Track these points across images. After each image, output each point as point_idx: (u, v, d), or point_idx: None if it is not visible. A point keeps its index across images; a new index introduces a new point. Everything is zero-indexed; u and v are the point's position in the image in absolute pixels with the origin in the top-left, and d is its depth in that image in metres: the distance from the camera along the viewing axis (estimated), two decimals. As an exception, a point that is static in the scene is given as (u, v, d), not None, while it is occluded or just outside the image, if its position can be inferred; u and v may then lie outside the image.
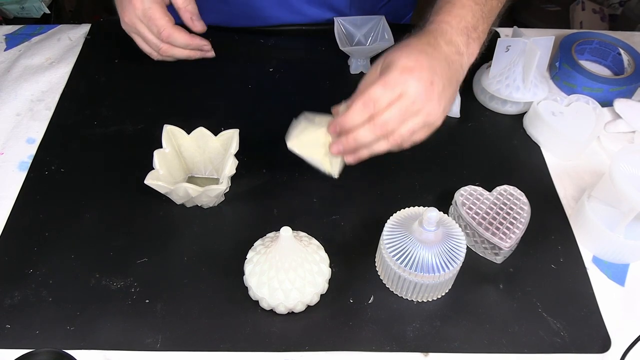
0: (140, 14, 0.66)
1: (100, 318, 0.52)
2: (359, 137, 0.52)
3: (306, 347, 0.51)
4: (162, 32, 0.66)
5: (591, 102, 0.70)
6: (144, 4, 0.65)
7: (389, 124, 0.51)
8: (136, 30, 0.68)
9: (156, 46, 0.69)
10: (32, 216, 0.60)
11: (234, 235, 0.59)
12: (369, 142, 0.53)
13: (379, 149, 0.54)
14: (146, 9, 0.65)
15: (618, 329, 0.53)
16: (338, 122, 0.53)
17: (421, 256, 0.51)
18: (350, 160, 0.56)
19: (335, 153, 0.55)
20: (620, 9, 1.73)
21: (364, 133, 0.52)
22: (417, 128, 0.53)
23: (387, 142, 0.53)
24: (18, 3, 1.19)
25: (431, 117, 0.53)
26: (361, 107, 0.51)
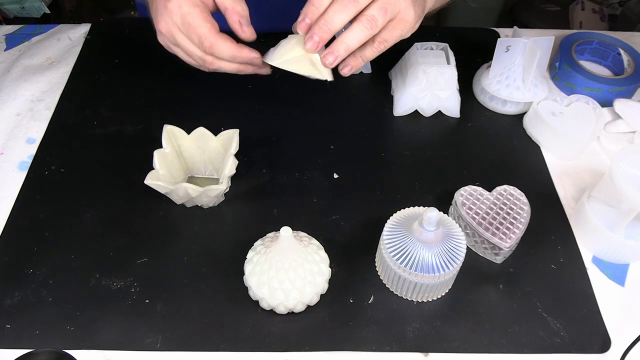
0: (179, 20, 0.54)
1: (100, 318, 0.52)
2: (329, 19, 0.49)
3: (306, 347, 0.51)
4: (203, 42, 0.54)
5: (591, 102, 0.70)
6: (182, 8, 0.54)
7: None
8: (175, 42, 0.56)
9: (200, 59, 0.57)
10: (32, 216, 0.60)
11: (234, 235, 0.59)
12: (341, 22, 0.50)
13: (354, 37, 0.51)
14: (184, 14, 0.54)
15: (618, 329, 0.53)
16: (305, 11, 0.50)
17: (421, 256, 0.51)
18: (330, 60, 0.52)
19: (312, 48, 0.51)
20: (620, 9, 1.73)
21: (334, 11, 0.49)
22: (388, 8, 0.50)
23: (361, 24, 0.50)
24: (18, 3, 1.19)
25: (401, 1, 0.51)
26: None
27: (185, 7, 0.54)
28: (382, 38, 0.53)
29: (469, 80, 0.77)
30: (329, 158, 0.67)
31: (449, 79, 0.69)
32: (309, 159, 0.67)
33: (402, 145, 0.69)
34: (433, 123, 0.72)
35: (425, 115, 0.72)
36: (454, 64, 0.70)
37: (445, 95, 0.70)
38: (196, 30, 0.54)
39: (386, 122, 0.72)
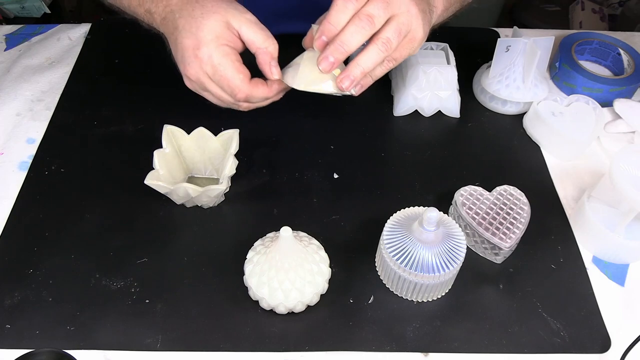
0: (210, 70, 0.53)
1: (100, 318, 0.52)
2: (345, 39, 0.49)
3: (306, 347, 0.51)
4: (237, 94, 0.54)
5: (591, 103, 0.70)
6: (213, 59, 0.52)
7: (374, 16, 0.49)
8: (205, 88, 0.56)
9: (233, 104, 0.58)
10: (32, 216, 0.60)
11: (234, 235, 0.59)
12: (357, 43, 0.50)
13: (370, 60, 0.51)
14: (216, 65, 0.52)
15: (618, 329, 0.53)
16: (322, 29, 0.49)
17: (421, 256, 0.51)
18: (346, 84, 0.52)
19: (326, 69, 0.51)
20: (620, 9, 1.73)
21: (350, 31, 0.49)
22: (402, 29, 0.51)
23: (376, 46, 0.50)
24: (18, 3, 1.19)
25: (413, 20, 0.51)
26: (343, 3, 0.48)
27: (216, 57, 0.52)
28: (392, 57, 0.54)
29: (469, 80, 0.77)
30: (329, 158, 0.67)
31: (449, 79, 0.69)
32: (309, 159, 0.67)
33: (402, 145, 0.69)
34: (433, 123, 0.72)
35: (425, 115, 0.72)
36: (454, 64, 0.70)
37: (445, 95, 0.70)
38: (229, 83, 0.53)
39: (386, 122, 0.72)
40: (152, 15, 0.56)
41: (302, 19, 0.77)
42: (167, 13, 0.55)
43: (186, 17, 0.52)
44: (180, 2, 0.54)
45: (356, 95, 0.55)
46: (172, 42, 0.55)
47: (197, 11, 0.52)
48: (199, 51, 0.52)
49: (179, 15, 0.53)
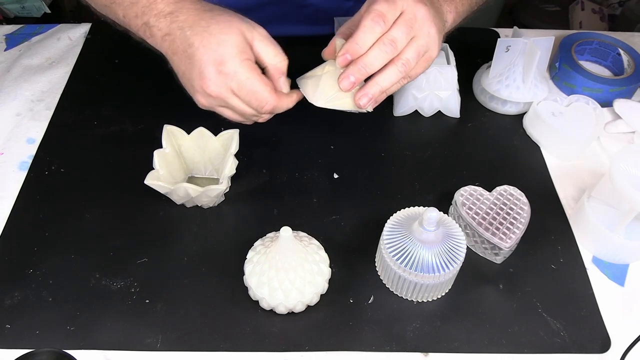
0: (235, 86, 0.52)
1: (100, 318, 0.52)
2: (368, 61, 0.50)
3: (306, 347, 0.51)
4: (264, 107, 0.53)
5: (591, 103, 0.70)
6: (239, 74, 0.51)
7: (398, 41, 0.50)
8: (226, 104, 0.54)
9: (253, 116, 0.57)
10: (32, 216, 0.60)
11: (234, 235, 0.59)
12: (378, 66, 0.51)
13: (389, 79, 0.52)
14: (243, 81, 0.51)
15: (618, 329, 0.53)
16: (347, 48, 0.51)
17: (421, 256, 0.51)
18: (364, 101, 0.53)
19: (346, 88, 0.52)
20: (620, 9, 1.73)
21: (374, 55, 0.50)
22: (421, 51, 0.52)
23: (396, 67, 0.52)
24: (18, 2, 1.19)
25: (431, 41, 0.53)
26: (371, 25, 0.49)
27: (242, 73, 0.51)
28: (408, 75, 0.55)
29: (469, 80, 0.77)
30: (329, 158, 0.67)
31: (449, 79, 0.69)
32: (309, 159, 0.67)
33: (402, 145, 0.69)
34: (433, 123, 0.72)
35: (425, 115, 0.72)
36: (454, 64, 0.70)
37: (445, 95, 0.70)
38: (257, 96, 0.52)
39: (386, 122, 0.72)
40: (151, 29, 0.55)
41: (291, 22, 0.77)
42: (173, 29, 0.53)
43: (202, 34, 0.51)
44: (189, 18, 0.52)
45: (370, 111, 0.56)
46: (185, 59, 0.53)
47: (212, 27, 0.51)
48: (224, 67, 0.51)
49: (192, 32, 0.51)
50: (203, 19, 0.52)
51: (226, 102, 0.53)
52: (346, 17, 0.78)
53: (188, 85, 0.55)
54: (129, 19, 0.56)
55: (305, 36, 0.80)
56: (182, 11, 0.53)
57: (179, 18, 0.53)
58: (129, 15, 0.56)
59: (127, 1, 0.55)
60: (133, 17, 0.55)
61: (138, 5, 0.54)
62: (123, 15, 0.57)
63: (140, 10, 0.54)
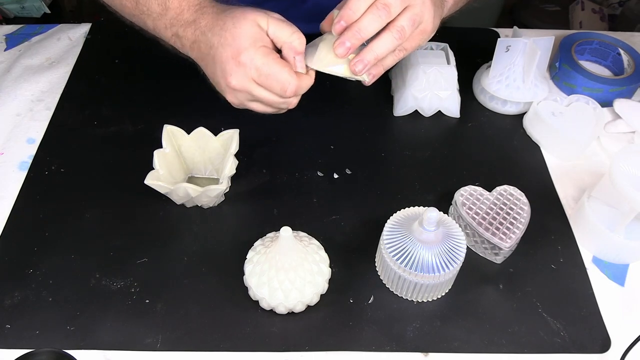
0: (255, 73, 0.52)
1: (100, 318, 0.52)
2: (362, 26, 0.51)
3: (306, 347, 0.51)
4: (287, 89, 0.53)
5: (591, 103, 0.70)
6: (255, 61, 0.52)
7: (391, 5, 0.51)
8: (252, 96, 0.54)
9: (283, 103, 0.56)
10: (32, 216, 0.60)
11: (234, 235, 0.59)
12: (373, 31, 0.51)
13: (383, 46, 0.52)
14: (260, 66, 0.52)
15: (618, 329, 0.53)
16: (342, 15, 0.51)
17: (421, 256, 0.51)
18: (359, 67, 0.53)
19: (342, 54, 0.52)
20: (620, 9, 1.73)
21: (368, 20, 0.51)
22: (416, 20, 0.52)
23: (391, 34, 0.52)
24: (18, 3, 1.19)
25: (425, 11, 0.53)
26: None
27: (258, 59, 0.52)
28: (403, 47, 0.55)
29: (469, 80, 0.77)
30: (329, 158, 0.67)
31: (449, 79, 0.69)
32: (309, 159, 0.67)
33: (402, 145, 0.69)
34: (433, 123, 0.72)
35: (425, 115, 0.72)
36: (454, 64, 0.70)
37: (445, 95, 0.70)
38: (277, 78, 0.52)
39: (386, 122, 0.72)
40: (181, 39, 0.56)
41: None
42: (197, 36, 0.55)
43: (219, 33, 0.53)
44: (209, 22, 0.54)
45: (368, 84, 0.56)
46: (210, 61, 0.54)
47: (228, 24, 0.52)
48: (240, 57, 0.52)
49: (212, 34, 0.53)
50: (220, 19, 0.53)
51: (251, 93, 0.54)
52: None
53: (218, 86, 0.56)
54: (160, 30, 0.58)
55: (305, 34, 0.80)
56: (203, 17, 0.54)
57: (201, 24, 0.54)
58: (159, 27, 0.57)
59: (156, 12, 0.56)
60: (163, 28, 0.57)
61: (166, 17, 0.56)
62: (153, 27, 0.58)
63: (169, 22, 0.56)
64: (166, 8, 0.55)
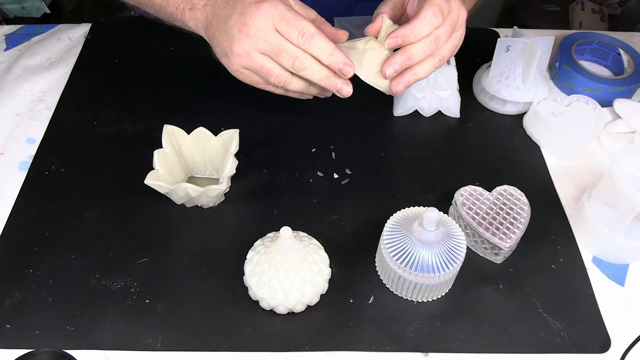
0: (277, 18, 0.50)
1: (100, 318, 0.52)
2: (415, 53, 0.52)
3: (306, 347, 0.51)
4: (305, 33, 0.50)
5: (591, 103, 0.70)
6: (279, 7, 0.50)
7: (441, 38, 0.52)
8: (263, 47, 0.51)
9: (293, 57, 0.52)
10: (32, 216, 0.60)
11: (234, 235, 0.59)
12: (421, 58, 0.53)
13: (425, 70, 0.54)
14: (283, 11, 0.50)
15: (618, 329, 0.53)
16: (403, 33, 0.52)
17: (421, 256, 0.51)
18: (400, 87, 0.55)
19: (390, 75, 0.53)
20: (620, 9, 1.73)
21: (421, 48, 0.52)
22: (454, 50, 0.55)
23: (433, 61, 0.54)
24: (18, 3, 1.19)
25: (459, 44, 0.56)
26: (430, 18, 0.51)
27: (282, 7, 0.51)
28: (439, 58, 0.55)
29: (469, 80, 0.77)
30: (329, 158, 0.67)
31: (449, 79, 0.69)
32: (309, 159, 0.67)
33: (402, 145, 0.69)
34: (433, 123, 0.72)
35: (425, 115, 0.72)
36: (454, 64, 0.70)
37: (445, 95, 0.70)
38: (298, 23, 0.50)
39: (386, 122, 0.72)
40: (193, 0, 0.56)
41: None
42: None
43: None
44: None
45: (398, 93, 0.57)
46: (228, 9, 0.52)
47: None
48: (265, 4, 0.50)
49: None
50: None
51: (266, 38, 0.51)
52: (347, 16, 0.78)
53: (224, 39, 0.53)
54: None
55: None
56: None
57: None
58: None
59: None
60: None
61: None
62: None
63: None
64: None
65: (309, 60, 0.52)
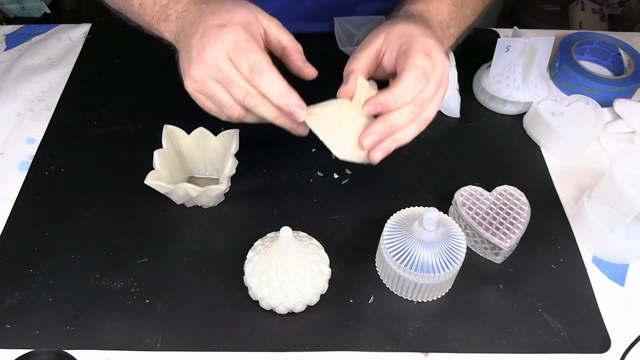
0: (231, 46, 0.47)
1: (100, 318, 0.52)
2: (397, 121, 0.48)
3: (306, 347, 0.51)
4: (254, 68, 0.47)
5: (591, 103, 0.70)
6: (238, 34, 0.47)
7: (426, 101, 0.48)
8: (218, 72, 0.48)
9: (243, 91, 0.48)
10: (32, 216, 0.60)
11: (234, 235, 0.59)
12: (404, 126, 0.49)
13: (408, 135, 0.50)
14: (240, 40, 0.47)
15: (618, 329, 0.53)
16: (383, 101, 0.47)
17: (421, 256, 0.51)
18: (379, 155, 0.49)
19: (369, 146, 0.48)
20: (620, 9, 1.73)
21: (403, 115, 0.48)
22: (437, 109, 0.50)
23: (417, 125, 0.50)
24: (18, 3, 1.19)
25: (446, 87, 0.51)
26: (414, 83, 0.46)
27: (241, 33, 0.47)
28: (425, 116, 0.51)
29: (469, 80, 0.77)
30: (329, 158, 0.67)
31: (449, 79, 0.69)
32: (309, 159, 0.67)
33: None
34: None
35: (425, 115, 0.72)
36: (454, 64, 0.70)
37: (445, 95, 0.70)
38: (250, 55, 0.47)
39: (386, 122, 0.72)
40: (168, 10, 0.53)
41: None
42: (189, 6, 0.52)
43: (214, 5, 0.50)
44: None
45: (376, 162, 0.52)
46: (192, 29, 0.50)
47: (227, 3, 0.50)
48: (224, 29, 0.47)
49: (206, 5, 0.50)
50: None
51: (219, 66, 0.48)
52: (347, 16, 0.78)
53: (187, 57, 0.50)
54: (146, 7, 0.54)
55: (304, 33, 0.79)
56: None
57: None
58: (146, 3, 0.54)
59: None
60: (151, 3, 0.54)
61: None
62: (139, 4, 0.55)
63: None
64: None
65: (260, 98, 0.49)
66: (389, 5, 0.78)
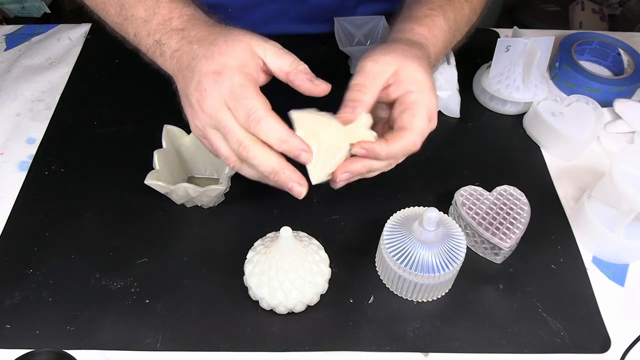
0: (228, 96, 0.46)
1: (100, 318, 0.52)
2: (375, 168, 0.50)
3: (306, 347, 0.51)
4: (251, 115, 0.45)
5: (591, 103, 0.70)
6: (234, 80, 0.46)
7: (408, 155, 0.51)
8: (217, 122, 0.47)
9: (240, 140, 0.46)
10: (32, 216, 0.60)
11: (234, 235, 0.59)
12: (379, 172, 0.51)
13: (376, 172, 0.52)
14: (235, 86, 0.46)
15: (618, 329, 0.53)
16: (375, 150, 0.48)
17: (421, 256, 0.51)
18: (342, 183, 0.50)
19: (341, 184, 0.49)
20: (620, 9, 1.73)
21: (383, 166, 0.50)
22: None
23: (389, 165, 0.52)
24: (19, 2, 1.19)
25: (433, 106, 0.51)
26: (412, 145, 0.48)
27: (237, 78, 0.46)
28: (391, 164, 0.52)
29: (469, 80, 0.77)
30: (329, 158, 0.67)
31: (449, 79, 0.69)
32: (309, 159, 0.67)
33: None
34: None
35: (425, 115, 0.72)
36: (454, 64, 0.70)
37: (445, 95, 0.70)
38: (246, 102, 0.45)
39: (386, 122, 0.72)
40: (162, 47, 0.52)
41: None
42: (182, 45, 0.51)
43: (208, 46, 0.49)
44: (200, 33, 0.50)
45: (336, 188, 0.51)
46: (188, 73, 0.49)
47: (220, 40, 0.49)
48: (220, 76, 0.46)
49: (199, 46, 0.49)
50: (212, 33, 0.50)
51: (217, 117, 0.47)
52: (347, 17, 0.78)
53: (186, 103, 0.50)
54: (140, 38, 0.54)
55: (305, 34, 0.80)
56: (194, 28, 0.51)
57: (190, 34, 0.51)
58: (140, 34, 0.53)
59: (140, 19, 0.53)
60: (145, 35, 0.53)
61: (152, 22, 0.52)
62: (134, 34, 0.54)
63: (153, 28, 0.52)
64: (154, 13, 0.52)
65: (254, 148, 0.46)
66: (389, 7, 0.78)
